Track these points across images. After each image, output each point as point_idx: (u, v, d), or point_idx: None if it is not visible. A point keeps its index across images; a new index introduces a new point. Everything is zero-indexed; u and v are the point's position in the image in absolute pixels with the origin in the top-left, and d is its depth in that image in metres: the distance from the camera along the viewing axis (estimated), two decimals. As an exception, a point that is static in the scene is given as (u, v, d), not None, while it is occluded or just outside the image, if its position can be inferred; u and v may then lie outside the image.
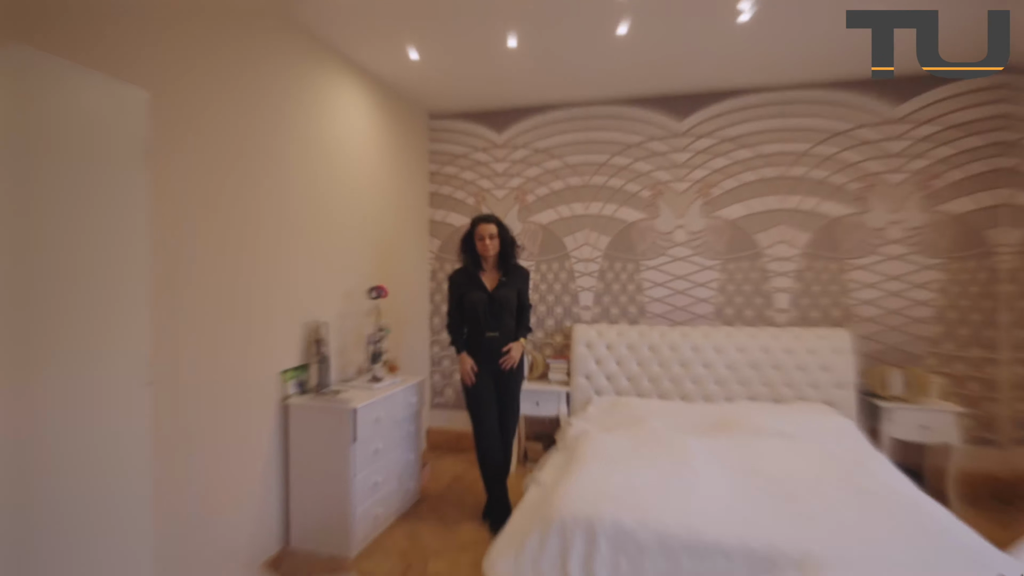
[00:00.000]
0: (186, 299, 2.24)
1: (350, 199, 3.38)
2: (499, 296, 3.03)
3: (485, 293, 3.04)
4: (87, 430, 1.83)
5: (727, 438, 2.79)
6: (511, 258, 3.10)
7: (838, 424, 2.93)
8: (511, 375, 3.10)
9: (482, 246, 3.02)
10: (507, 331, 3.07)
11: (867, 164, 3.63)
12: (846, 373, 3.41)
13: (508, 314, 3.06)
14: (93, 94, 1.87)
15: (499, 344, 3.05)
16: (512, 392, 3.14)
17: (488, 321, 3.03)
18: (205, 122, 2.34)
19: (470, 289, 3.06)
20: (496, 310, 3.03)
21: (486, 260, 3.07)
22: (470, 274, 3.09)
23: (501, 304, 3.03)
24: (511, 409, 3.14)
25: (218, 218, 2.40)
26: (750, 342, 3.60)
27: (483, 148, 4.32)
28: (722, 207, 3.88)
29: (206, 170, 2.34)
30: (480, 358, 3.06)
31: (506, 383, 3.11)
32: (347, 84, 3.33)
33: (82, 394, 1.81)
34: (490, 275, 3.10)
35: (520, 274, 3.16)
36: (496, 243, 3.03)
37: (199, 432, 2.31)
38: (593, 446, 2.65)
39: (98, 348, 1.86)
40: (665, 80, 3.68)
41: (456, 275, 3.15)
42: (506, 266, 3.09)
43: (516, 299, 3.10)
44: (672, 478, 2.24)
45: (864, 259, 3.65)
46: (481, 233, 3.02)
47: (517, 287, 3.11)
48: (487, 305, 3.02)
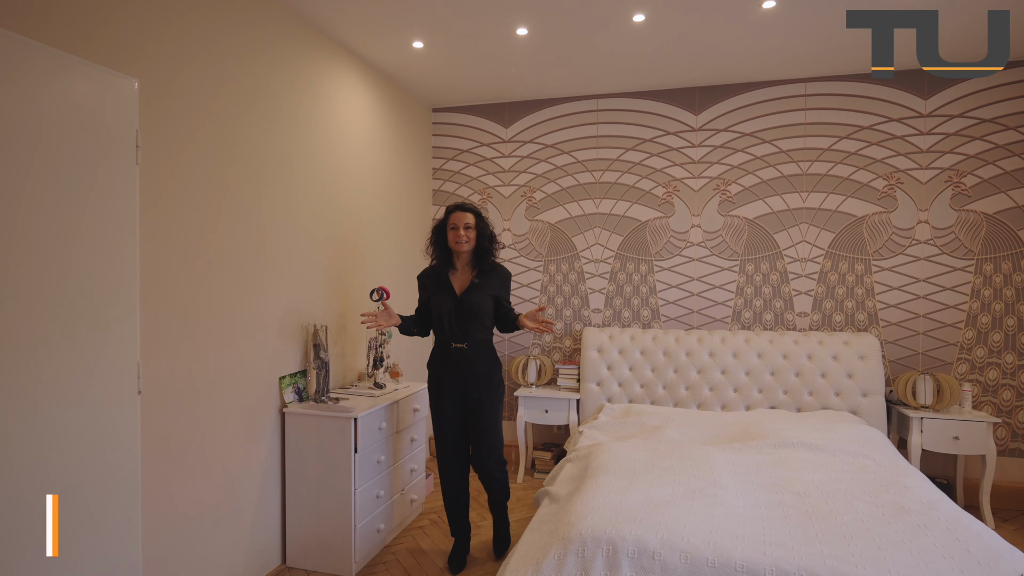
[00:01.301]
0: (178, 301, 2.09)
1: (351, 196, 3.22)
2: (468, 302, 2.55)
3: (452, 297, 2.58)
4: (72, 444, 1.68)
5: (750, 449, 2.62)
6: (488, 255, 2.62)
7: (867, 434, 2.76)
8: (483, 396, 2.58)
9: (454, 237, 2.56)
10: (477, 343, 2.58)
11: (893, 160, 3.46)
12: (873, 380, 3.23)
13: (478, 323, 2.57)
14: (80, 83, 1.72)
15: (468, 359, 2.57)
16: (486, 417, 2.59)
17: (453, 330, 2.57)
18: (200, 114, 2.19)
19: (436, 290, 2.61)
20: (462, 318, 2.56)
21: (458, 256, 2.62)
22: (438, 273, 2.64)
23: (470, 311, 2.55)
24: (487, 441, 2.60)
25: (213, 216, 2.24)
26: (770, 347, 3.43)
27: (488, 143, 4.17)
28: (740, 205, 3.71)
29: (201, 165, 2.19)
30: (444, 374, 2.60)
31: (477, 406, 2.58)
32: (348, 75, 3.18)
33: (67, 406, 1.66)
34: (461, 276, 2.64)
35: (498, 276, 2.65)
36: (472, 236, 2.56)
37: (192, 444, 2.16)
38: (609, 457, 2.49)
39: (84, 357, 1.70)
40: (681, 72, 3.52)
41: (424, 274, 2.73)
42: (481, 266, 2.61)
43: (492, 305, 2.62)
44: (696, 493, 2.08)
45: (891, 260, 3.48)
46: (455, 222, 2.57)
47: (493, 292, 2.61)
48: (453, 312, 2.57)
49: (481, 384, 2.59)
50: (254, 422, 2.49)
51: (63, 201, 1.68)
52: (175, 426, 2.10)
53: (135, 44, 1.94)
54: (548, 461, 3.80)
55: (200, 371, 2.20)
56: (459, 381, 2.58)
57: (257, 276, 2.49)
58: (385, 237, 3.60)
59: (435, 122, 4.26)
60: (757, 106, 3.66)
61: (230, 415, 2.35)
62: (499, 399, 2.65)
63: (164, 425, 2.05)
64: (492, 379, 2.62)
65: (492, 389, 2.62)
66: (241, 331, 2.40)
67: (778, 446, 2.63)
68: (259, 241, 2.51)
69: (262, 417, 2.54)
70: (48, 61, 1.65)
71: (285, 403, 2.66)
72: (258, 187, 2.50)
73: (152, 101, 2.00)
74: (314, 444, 2.60)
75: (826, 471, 2.33)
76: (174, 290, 2.08)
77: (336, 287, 3.07)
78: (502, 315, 2.65)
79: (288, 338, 2.69)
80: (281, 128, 2.64)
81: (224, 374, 2.32)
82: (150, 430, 1.98)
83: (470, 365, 2.57)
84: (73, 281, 1.70)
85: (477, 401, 2.59)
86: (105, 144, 1.80)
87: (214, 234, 2.26)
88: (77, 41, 1.75)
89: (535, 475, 3.80)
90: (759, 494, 2.12)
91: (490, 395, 2.61)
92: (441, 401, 2.62)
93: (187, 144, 2.14)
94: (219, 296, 2.29)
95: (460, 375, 2.58)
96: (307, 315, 2.82)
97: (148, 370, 1.96)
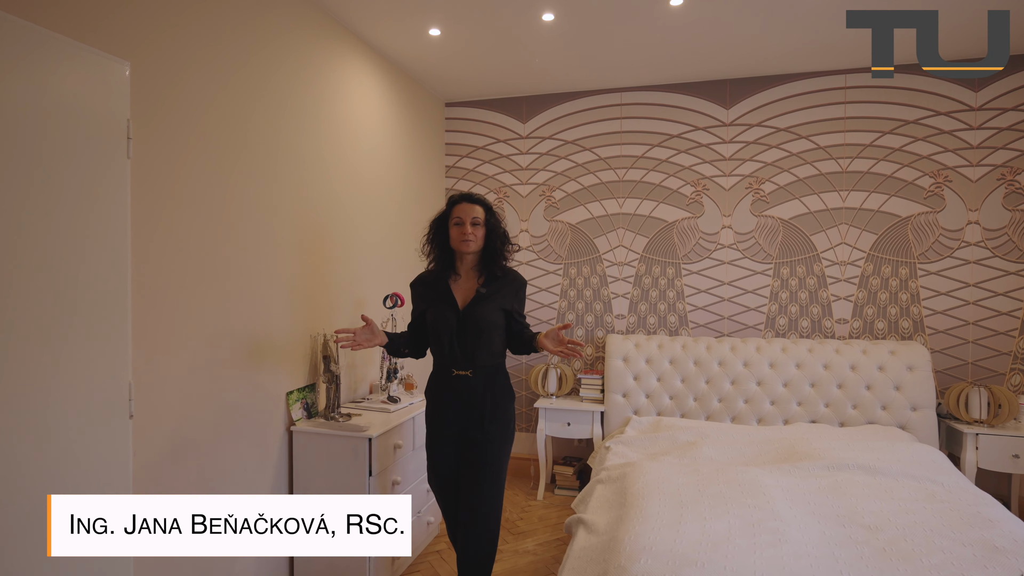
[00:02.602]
0: (174, 312, 1.86)
1: (362, 195, 3.00)
2: (474, 316, 2.01)
3: (453, 310, 2.04)
4: (59, 470, 1.45)
5: (801, 471, 2.40)
6: (499, 259, 2.09)
7: (926, 455, 2.54)
8: (486, 439, 2.02)
9: (459, 234, 2.03)
10: (485, 370, 2.03)
11: (941, 157, 3.24)
12: (923, 393, 3.01)
13: (486, 344, 2.02)
14: (63, 65, 1.49)
15: (471, 390, 2.01)
16: (486, 466, 2.01)
17: (455, 353, 2.02)
18: (200, 103, 1.96)
19: (434, 302, 2.07)
20: (467, 337, 2.01)
21: (462, 259, 2.09)
22: (437, 280, 2.10)
23: (477, 329, 2.00)
24: (480, 504, 1.99)
25: (212, 216, 2.02)
26: (809, 357, 3.21)
27: (505, 139, 3.94)
28: (774, 205, 3.49)
29: (201, 159, 1.96)
30: (443, 405, 2.06)
31: (476, 451, 2.02)
32: (359, 65, 2.95)
33: (48, 433, 1.43)
34: (465, 283, 2.09)
35: (510, 284, 2.10)
36: (480, 234, 2.04)
37: (190, 469, 1.93)
38: (649, 481, 2.27)
39: (69, 377, 1.48)
40: (711, 63, 3.29)
41: (419, 281, 2.17)
42: (490, 270, 2.08)
43: (503, 321, 2.07)
44: (755, 527, 1.86)
45: (938, 263, 3.25)
46: (459, 216, 2.04)
47: (504, 304, 2.06)
48: (455, 329, 2.02)
49: (485, 423, 2.02)
50: (259, 442, 2.26)
51: (43, 201, 1.45)
52: (171, 451, 1.87)
53: (127, 22, 1.72)
54: (570, 477, 3.57)
55: (198, 389, 1.98)
56: (459, 417, 2.04)
57: (261, 282, 2.27)
58: (396, 239, 3.37)
59: (448, 117, 4.04)
60: (793, 99, 3.44)
61: (232, 436, 2.13)
62: (507, 443, 2.07)
63: (158, 450, 1.83)
64: (500, 416, 2.05)
65: (499, 430, 2.04)
66: (244, 342, 2.18)
67: (831, 468, 2.41)
68: (263, 243, 2.28)
69: (268, 436, 2.31)
70: (25, 39, 1.42)
71: (293, 420, 2.43)
72: (264, 185, 2.28)
73: (146, 87, 1.77)
74: (325, 465, 2.38)
75: (891, 499, 2.11)
76: (170, 299, 1.86)
77: (347, 294, 2.85)
78: (515, 333, 2.10)
79: (295, 349, 2.47)
80: (289, 121, 2.42)
81: (225, 391, 2.09)
82: (144, 457, 1.76)
83: (474, 398, 2.02)
84: (55, 291, 1.48)
85: (477, 444, 2.02)
86: (92, 135, 1.58)
87: (214, 236, 2.04)
88: (58, 16, 1.53)
89: (556, 491, 3.58)
90: (824, 527, 1.90)
91: (495, 438, 2.03)
92: (437, 440, 2.09)
93: (185, 136, 1.92)
94: (220, 304, 2.06)
95: (461, 410, 2.03)
96: (315, 324, 2.60)
97: (141, 391, 1.74)
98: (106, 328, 1.61)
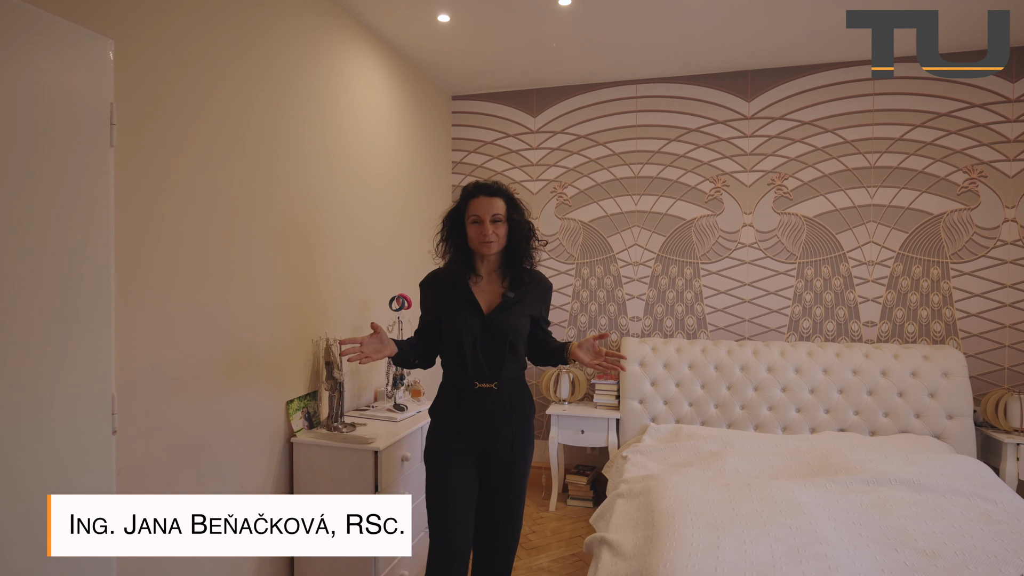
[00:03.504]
0: (162, 316, 1.70)
1: (367, 192, 2.83)
2: (502, 324, 1.76)
3: (477, 317, 1.78)
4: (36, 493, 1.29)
5: (838, 486, 2.24)
6: (525, 259, 1.84)
7: (972, 468, 2.37)
8: (515, 461, 1.80)
9: (478, 235, 1.77)
10: (512, 383, 1.80)
11: (976, 151, 3.08)
12: (960, 400, 2.85)
13: (513, 354, 1.79)
14: (38, 40, 1.33)
15: (499, 405, 1.77)
16: (515, 494, 1.82)
17: (479, 364, 1.76)
18: (195, 89, 1.79)
19: (453, 306, 1.80)
20: (494, 347, 1.77)
21: (482, 260, 1.84)
22: (455, 283, 1.82)
23: (503, 337, 1.76)
24: (515, 516, 1.84)
25: (205, 212, 1.85)
26: (837, 362, 3.04)
27: (515, 134, 3.78)
28: (798, 202, 3.33)
29: (194, 151, 1.79)
30: (462, 423, 1.78)
31: (504, 477, 1.80)
32: (365, 55, 2.79)
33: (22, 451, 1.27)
34: (487, 287, 1.84)
35: (538, 288, 1.87)
36: (502, 232, 1.78)
37: (180, 485, 1.77)
38: (676, 497, 2.10)
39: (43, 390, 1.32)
40: (732, 53, 3.13)
41: (431, 282, 1.88)
42: (516, 272, 1.83)
43: (528, 328, 1.85)
44: (801, 553, 1.69)
45: (972, 263, 3.09)
46: (477, 212, 1.77)
47: (531, 310, 1.84)
48: (480, 339, 1.77)
49: (514, 443, 1.80)
50: (256, 455, 2.10)
51: (15, 194, 1.29)
52: (159, 469, 1.71)
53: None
54: (583, 487, 3.41)
55: (189, 400, 1.81)
56: (482, 437, 1.78)
57: (258, 282, 2.10)
58: (403, 238, 3.21)
59: (455, 111, 3.87)
60: (818, 91, 3.27)
61: (227, 449, 1.96)
62: (530, 462, 1.88)
63: (144, 470, 1.66)
64: (527, 435, 1.85)
65: (526, 451, 1.84)
66: (239, 348, 2.01)
67: (871, 483, 2.24)
68: (260, 241, 2.11)
69: (266, 448, 2.15)
70: None
71: (294, 431, 2.27)
72: (263, 178, 2.11)
73: (132, 70, 1.61)
74: (327, 479, 2.21)
75: (943, 519, 1.95)
76: (157, 302, 1.69)
77: (351, 296, 2.69)
78: (539, 341, 1.90)
79: (296, 355, 2.31)
80: (291, 112, 2.25)
81: (219, 402, 1.93)
82: (128, 478, 1.60)
83: (502, 415, 1.78)
84: (28, 293, 1.31)
85: (506, 467, 1.79)
86: (71, 120, 1.42)
87: (206, 234, 1.87)
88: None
89: (568, 502, 3.42)
90: (876, 552, 1.74)
91: (522, 458, 1.82)
92: (450, 463, 1.77)
93: (177, 125, 1.75)
94: (213, 307, 1.90)
95: (485, 428, 1.77)
96: (317, 327, 2.43)
97: (125, 404, 1.57)
98: (86, 335, 1.45)
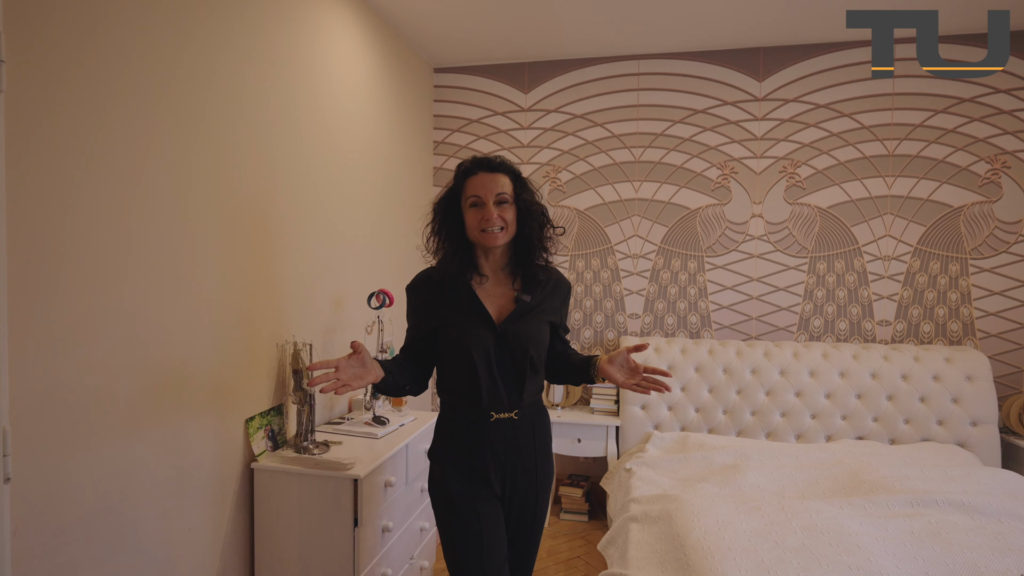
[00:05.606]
0: (74, 319, 1.30)
1: (341, 171, 2.45)
2: (520, 336, 1.43)
3: (490, 329, 1.43)
4: None
5: (878, 508, 2.00)
6: (539, 251, 1.49)
7: (1015, 485, 2.17)
8: (540, 500, 1.52)
9: (478, 221, 1.40)
10: (532, 406, 1.49)
11: (999, 140, 2.89)
12: (984, 406, 2.67)
13: (535, 373, 1.47)
14: None
15: (520, 438, 1.46)
16: (535, 536, 1.56)
17: (497, 389, 1.42)
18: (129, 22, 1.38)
19: (454, 316, 1.44)
20: (512, 366, 1.43)
21: (486, 255, 1.48)
22: (453, 285, 1.45)
23: (523, 353, 1.43)
24: (521, 569, 1.56)
25: (132, 185, 1.45)
26: (855, 364, 2.83)
27: (504, 111, 3.42)
28: (811, 192, 3.09)
29: (118, 108, 1.39)
30: (477, 466, 1.44)
31: (528, 521, 1.51)
32: (339, 14, 2.39)
33: None
34: (495, 288, 1.48)
35: (555, 287, 1.54)
36: (510, 216, 1.42)
37: (96, 547, 1.38)
38: (705, 527, 1.83)
39: None
40: (743, 28, 2.85)
41: (420, 285, 1.51)
42: (529, 269, 1.48)
43: (548, 338, 1.52)
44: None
45: (992, 259, 2.92)
46: (477, 193, 1.41)
47: (551, 316, 1.52)
48: (495, 354, 1.42)
49: (538, 480, 1.50)
50: (205, 487, 1.72)
51: None
52: (67, 525, 1.32)
53: None
54: (578, 499, 3.12)
55: (114, 429, 1.42)
56: (499, 479, 1.45)
57: (205, 276, 1.71)
58: (382, 226, 2.83)
59: (438, 85, 3.49)
60: (835, 71, 3.03)
61: (169, 488, 1.58)
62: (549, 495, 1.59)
63: (47, 526, 1.27)
64: (549, 472, 1.56)
65: (548, 491, 1.56)
66: (181, 356, 1.62)
67: (915, 504, 2.02)
68: (210, 223, 1.72)
69: (218, 478, 1.77)
70: None
71: (255, 455, 1.89)
72: (218, 147, 1.71)
73: (31, -11, 1.20)
74: (296, 514, 1.85)
75: (1010, 551, 1.72)
76: (67, 302, 1.30)
77: (322, 292, 2.31)
78: (557, 354, 1.57)
79: (257, 363, 1.92)
80: (258, 74, 1.85)
81: (157, 428, 1.54)
82: (28, 538, 1.21)
83: (525, 450, 1.46)
84: None
85: (528, 516, 1.50)
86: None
87: (136, 213, 1.47)
88: None
89: (562, 516, 3.13)
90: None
91: (546, 502, 1.54)
92: (477, 513, 1.42)
93: (97, 68, 1.34)
94: (144, 304, 1.50)
95: (505, 470, 1.45)
96: (282, 330, 2.05)
97: (21, 442, 1.18)
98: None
